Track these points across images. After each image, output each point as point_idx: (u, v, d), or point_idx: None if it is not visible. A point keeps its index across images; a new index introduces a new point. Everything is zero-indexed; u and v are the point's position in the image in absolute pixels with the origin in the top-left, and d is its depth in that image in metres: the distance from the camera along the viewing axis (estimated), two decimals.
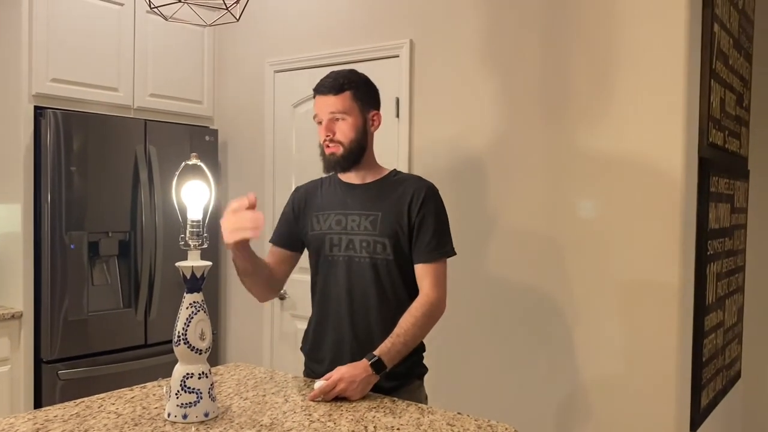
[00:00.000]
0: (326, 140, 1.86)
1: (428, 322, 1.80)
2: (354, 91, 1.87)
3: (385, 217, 1.84)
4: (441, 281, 1.83)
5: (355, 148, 1.87)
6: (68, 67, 3.05)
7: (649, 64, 2.37)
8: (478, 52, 2.77)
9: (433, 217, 1.84)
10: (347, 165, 1.88)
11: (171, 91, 3.49)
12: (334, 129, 1.85)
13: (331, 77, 1.88)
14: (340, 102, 1.85)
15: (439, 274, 1.83)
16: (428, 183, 1.91)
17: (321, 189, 1.98)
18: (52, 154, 2.94)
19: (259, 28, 3.54)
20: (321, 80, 1.89)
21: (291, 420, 1.54)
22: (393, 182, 1.91)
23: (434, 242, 1.83)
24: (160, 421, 1.52)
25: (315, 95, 1.89)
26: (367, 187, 1.90)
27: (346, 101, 1.86)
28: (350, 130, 1.85)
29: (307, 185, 2.03)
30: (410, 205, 1.84)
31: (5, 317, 2.87)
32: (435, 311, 1.81)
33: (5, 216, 3.01)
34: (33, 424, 1.49)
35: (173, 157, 3.38)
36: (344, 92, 1.85)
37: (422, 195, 1.85)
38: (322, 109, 1.86)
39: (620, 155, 2.44)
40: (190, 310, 1.54)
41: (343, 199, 1.91)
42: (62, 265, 2.99)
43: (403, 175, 1.96)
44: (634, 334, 2.42)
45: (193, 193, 1.57)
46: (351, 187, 1.92)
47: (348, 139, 1.85)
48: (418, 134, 2.96)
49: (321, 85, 1.87)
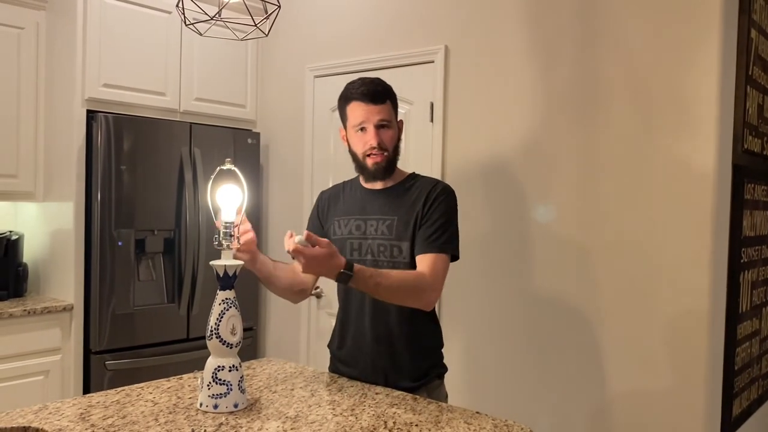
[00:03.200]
0: (374, 148, 1.86)
1: (410, 288, 1.75)
2: (392, 101, 1.93)
3: (401, 221, 1.88)
4: (437, 272, 1.79)
5: (394, 157, 1.93)
6: (118, 72, 3.20)
7: (682, 69, 2.37)
8: (512, 58, 2.80)
9: (439, 213, 1.85)
10: (389, 173, 1.93)
11: (215, 95, 3.62)
12: (382, 135, 1.87)
13: (372, 85, 1.87)
14: (386, 110, 1.88)
15: (437, 265, 1.80)
16: (444, 183, 1.95)
17: (343, 194, 2.03)
18: (103, 156, 3.10)
19: (300, 34, 3.64)
20: (359, 87, 1.87)
21: (315, 413, 1.61)
22: (411, 186, 1.94)
23: (436, 235, 1.83)
24: (192, 410, 1.61)
25: (354, 102, 1.87)
26: (386, 192, 1.95)
27: (389, 110, 1.90)
28: (392, 139, 1.91)
29: (331, 190, 2.09)
30: (423, 205, 1.87)
31: (57, 309, 3.04)
32: (422, 287, 1.76)
33: (59, 214, 3.18)
34: (77, 409, 1.60)
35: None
36: (386, 102, 1.89)
37: (435, 193, 1.88)
38: (371, 116, 1.85)
39: (652, 161, 2.44)
40: (223, 306, 1.63)
41: (362, 204, 1.96)
42: (111, 261, 3.15)
43: (423, 178, 1.98)
44: (662, 341, 2.41)
45: (226, 195, 1.66)
46: (371, 192, 1.97)
47: (392, 145, 1.91)
48: (451, 139, 3.01)
49: (365, 93, 1.86)
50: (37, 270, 3.34)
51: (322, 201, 2.07)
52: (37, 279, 3.34)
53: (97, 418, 1.54)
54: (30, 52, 3.21)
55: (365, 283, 1.69)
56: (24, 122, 3.20)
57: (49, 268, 3.27)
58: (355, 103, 1.88)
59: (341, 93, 1.95)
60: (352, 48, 3.39)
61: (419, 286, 1.77)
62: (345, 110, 1.93)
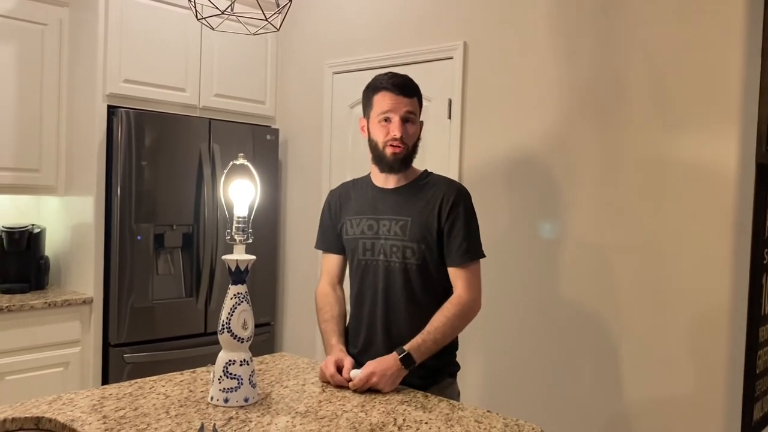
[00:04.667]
0: (395, 139, 1.85)
1: (459, 322, 1.84)
2: (419, 99, 1.93)
3: (414, 222, 1.88)
4: (473, 283, 1.86)
5: (413, 152, 1.93)
6: (139, 68, 3.23)
7: (705, 66, 2.32)
8: (531, 54, 2.78)
9: (463, 221, 1.86)
10: (405, 167, 1.92)
11: (235, 91, 3.64)
12: (406, 129, 1.87)
13: (403, 78, 1.88)
14: (413, 104, 1.89)
15: (471, 276, 1.86)
16: (459, 186, 1.94)
17: (354, 192, 2.02)
18: (123, 151, 3.13)
19: (319, 31, 3.65)
20: (391, 79, 1.87)
21: (325, 409, 1.61)
22: (423, 185, 1.93)
23: (465, 245, 1.86)
24: (203, 403, 1.62)
25: (383, 92, 1.87)
26: (398, 191, 1.93)
27: (416, 105, 1.91)
28: (415, 134, 1.91)
29: (340, 189, 2.08)
30: (440, 210, 1.87)
31: (77, 302, 3.08)
32: (467, 311, 1.84)
33: (80, 208, 3.22)
34: (90, 400, 1.62)
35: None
36: (414, 96, 1.90)
37: (452, 199, 1.88)
38: (398, 107, 1.85)
39: (673, 161, 2.40)
40: (234, 301, 1.64)
41: (374, 203, 1.95)
42: (130, 255, 3.18)
43: (435, 177, 1.97)
44: (681, 344, 2.37)
45: (239, 191, 1.66)
46: (382, 191, 1.95)
47: (413, 141, 1.91)
48: (469, 136, 2.99)
49: (397, 84, 1.86)
50: (58, 263, 3.39)
51: (333, 200, 2.06)
52: (58, 272, 3.39)
53: (110, 410, 1.55)
54: (53, 49, 3.25)
55: (425, 352, 1.78)
56: (46, 117, 3.24)
57: (71, 262, 3.32)
58: (384, 93, 1.87)
59: (369, 83, 1.95)
60: (371, 44, 3.38)
61: (463, 312, 1.85)
62: (372, 99, 1.91)
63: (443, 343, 1.82)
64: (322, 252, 2.10)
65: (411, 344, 1.78)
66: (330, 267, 2.06)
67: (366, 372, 1.74)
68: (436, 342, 1.80)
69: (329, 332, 1.95)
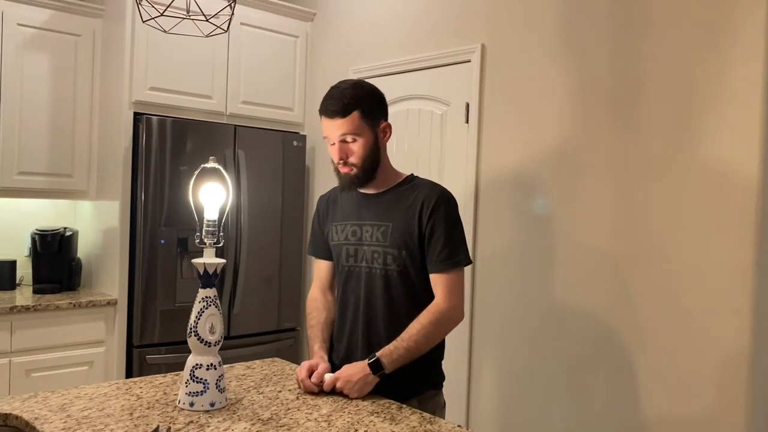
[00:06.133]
0: (339, 163, 1.83)
1: (435, 330, 1.77)
2: (361, 110, 1.80)
3: (395, 228, 1.83)
4: (454, 290, 1.79)
5: (369, 165, 1.84)
6: (165, 76, 3.31)
7: (723, 68, 2.18)
8: (550, 58, 2.68)
9: (443, 226, 1.80)
10: (362, 183, 1.87)
11: (262, 98, 3.68)
12: (346, 151, 1.82)
13: (336, 98, 1.81)
14: (348, 124, 1.80)
15: (451, 283, 1.80)
16: (441, 189, 1.87)
17: (341, 198, 1.99)
18: (147, 157, 3.21)
19: (344, 38, 3.65)
20: (325, 101, 1.82)
21: (289, 417, 1.58)
22: (406, 190, 1.88)
23: (446, 251, 1.79)
24: (171, 407, 1.62)
25: (322, 117, 1.84)
26: (381, 197, 1.89)
27: (354, 122, 1.80)
28: (362, 150, 1.82)
29: (329, 194, 2.05)
30: (420, 214, 1.81)
31: (101, 303, 3.17)
32: (444, 320, 1.78)
33: (108, 212, 3.32)
34: (63, 399, 1.65)
35: (261, 161, 3.57)
36: (351, 113, 1.79)
37: (432, 202, 1.81)
38: (332, 132, 1.81)
39: (692, 166, 2.26)
40: (202, 305, 1.64)
41: (358, 209, 1.91)
42: (154, 259, 3.25)
43: (418, 181, 1.91)
44: (701, 359, 2.22)
45: (210, 194, 1.66)
46: (366, 197, 1.91)
47: (361, 159, 1.83)
48: (486, 140, 2.91)
49: (327, 109, 1.81)
50: (90, 265, 3.50)
51: (321, 205, 2.04)
52: (90, 274, 3.51)
53: (77, 409, 1.57)
54: (86, 58, 3.37)
55: (397, 359, 1.74)
56: (79, 124, 3.37)
57: (100, 264, 3.43)
58: (323, 118, 1.84)
59: None
60: (393, 49, 3.36)
61: (439, 320, 1.79)
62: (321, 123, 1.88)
63: (417, 352, 1.76)
64: (314, 258, 2.08)
65: (383, 350, 1.75)
66: (320, 273, 2.04)
67: (333, 376, 1.72)
68: (408, 350, 1.74)
69: (312, 338, 1.93)
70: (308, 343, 1.96)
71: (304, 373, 1.77)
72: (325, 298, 2.03)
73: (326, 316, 1.98)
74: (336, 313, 1.98)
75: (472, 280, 2.93)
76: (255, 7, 3.63)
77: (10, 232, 3.45)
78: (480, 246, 2.91)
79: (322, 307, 2.00)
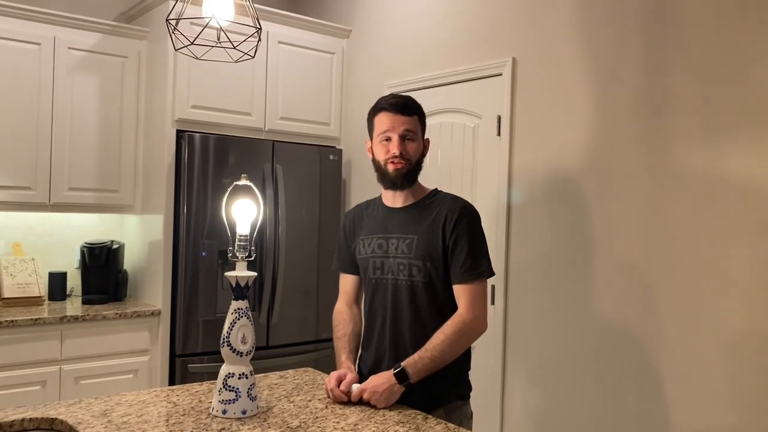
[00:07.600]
0: (396, 156, 1.89)
1: (459, 341, 1.80)
2: (419, 116, 1.96)
3: (420, 240, 1.88)
4: (477, 301, 1.83)
5: (416, 168, 1.95)
6: (206, 94, 3.43)
7: (756, 77, 2.16)
8: (579, 70, 2.69)
9: (466, 238, 1.85)
10: (408, 183, 1.94)
11: (300, 114, 3.77)
12: (406, 146, 1.91)
13: (402, 98, 1.94)
14: (412, 123, 1.92)
15: (474, 294, 1.83)
16: (464, 202, 1.92)
17: (366, 213, 2.05)
18: (190, 172, 3.33)
19: (378, 53, 3.72)
20: (389, 99, 1.93)
21: (317, 425, 1.64)
22: (430, 204, 1.94)
23: (469, 263, 1.83)
24: (204, 414, 1.69)
25: (383, 112, 1.92)
26: (406, 210, 1.95)
27: (415, 123, 1.94)
28: (416, 151, 1.93)
29: (354, 210, 2.12)
30: (444, 226, 1.87)
31: (146, 314, 3.30)
32: (468, 331, 1.81)
33: (153, 225, 3.46)
34: (105, 405, 1.74)
35: (298, 175, 3.66)
36: (414, 115, 1.94)
37: (455, 215, 1.86)
38: (396, 126, 1.89)
39: (723, 178, 2.24)
40: (234, 316, 1.71)
41: (383, 223, 1.97)
42: (196, 271, 3.37)
43: (442, 195, 1.97)
44: (733, 374, 2.19)
45: (241, 210, 1.73)
46: (392, 210, 1.98)
47: (415, 158, 1.93)
48: (518, 153, 2.93)
49: (394, 104, 1.91)
50: (136, 277, 3.64)
51: (347, 222, 2.10)
52: (135, 285, 3.64)
53: (117, 415, 1.66)
54: (132, 79, 3.53)
55: (422, 369, 1.77)
56: (125, 141, 3.52)
57: (146, 276, 3.56)
58: (383, 113, 1.93)
59: (372, 106, 1.99)
60: (426, 64, 3.41)
61: (463, 330, 1.82)
62: (373, 121, 1.97)
63: (442, 362, 1.79)
64: (340, 272, 2.14)
65: (407, 360, 1.79)
66: (346, 287, 2.10)
67: (360, 387, 1.76)
68: (433, 359, 1.77)
69: (340, 349, 1.98)
70: (336, 354, 2.02)
71: (333, 383, 1.82)
72: (351, 311, 2.08)
73: (352, 328, 2.03)
74: (363, 325, 2.03)
75: (505, 290, 2.95)
76: (292, 26, 3.74)
77: (62, 245, 3.61)
78: (513, 256, 2.93)
79: (348, 320, 2.05)
